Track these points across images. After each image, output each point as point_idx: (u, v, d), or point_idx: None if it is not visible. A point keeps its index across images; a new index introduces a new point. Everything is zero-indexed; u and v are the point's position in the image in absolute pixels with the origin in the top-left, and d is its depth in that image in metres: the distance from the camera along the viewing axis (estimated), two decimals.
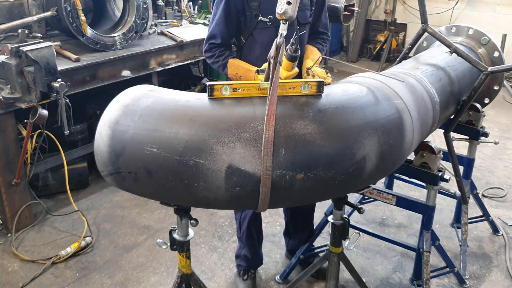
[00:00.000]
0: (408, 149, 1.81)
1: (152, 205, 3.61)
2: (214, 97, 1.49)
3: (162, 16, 4.67)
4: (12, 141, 3.10)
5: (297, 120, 1.44)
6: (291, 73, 1.88)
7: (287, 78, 1.82)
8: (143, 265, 3.01)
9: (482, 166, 4.39)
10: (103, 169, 1.53)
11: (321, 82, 1.53)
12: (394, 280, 2.89)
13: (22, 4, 3.45)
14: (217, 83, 1.49)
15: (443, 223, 3.46)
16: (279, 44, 1.50)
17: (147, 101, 1.49)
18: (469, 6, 7.21)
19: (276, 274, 2.92)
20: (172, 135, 1.40)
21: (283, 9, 1.45)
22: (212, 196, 1.44)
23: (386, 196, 2.50)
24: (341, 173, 1.48)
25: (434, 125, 2.16)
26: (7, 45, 2.71)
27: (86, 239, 3.16)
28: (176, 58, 4.06)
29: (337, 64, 7.94)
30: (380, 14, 8.19)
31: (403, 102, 1.75)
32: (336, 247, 2.10)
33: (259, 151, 1.38)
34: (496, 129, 5.32)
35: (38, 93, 2.74)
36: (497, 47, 2.79)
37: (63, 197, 3.67)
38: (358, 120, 1.52)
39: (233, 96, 1.50)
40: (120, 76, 3.61)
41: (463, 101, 2.51)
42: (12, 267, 2.96)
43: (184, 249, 1.84)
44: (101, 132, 1.51)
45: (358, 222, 3.30)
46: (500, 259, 3.10)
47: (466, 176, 3.09)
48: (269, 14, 2.13)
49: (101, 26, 3.86)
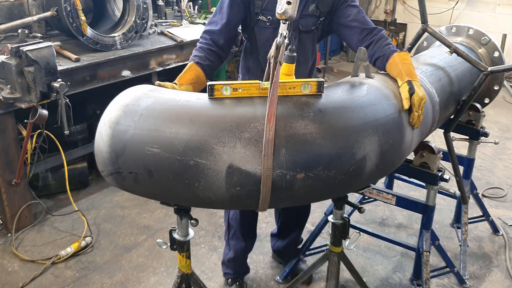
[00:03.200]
0: (407, 149, 1.81)
1: (152, 205, 3.61)
2: (215, 97, 1.49)
3: (162, 16, 4.67)
4: (12, 141, 3.10)
5: (297, 120, 1.44)
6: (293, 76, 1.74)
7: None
8: (143, 265, 3.01)
9: (482, 166, 4.39)
10: (104, 169, 1.53)
11: (321, 82, 1.53)
12: (394, 280, 2.89)
13: (22, 4, 3.45)
14: (218, 83, 1.49)
15: (443, 223, 3.46)
16: (279, 44, 1.50)
17: (148, 101, 1.49)
18: (469, 6, 7.22)
19: (276, 274, 2.92)
20: (173, 135, 1.40)
21: (283, 9, 1.45)
22: (212, 196, 1.43)
23: (386, 196, 2.50)
24: (342, 172, 1.48)
25: (434, 125, 2.16)
26: (7, 45, 2.71)
27: (86, 239, 3.16)
28: (176, 58, 4.07)
29: (337, 64, 7.95)
30: (380, 14, 8.19)
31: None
32: (336, 247, 2.10)
33: (260, 151, 1.38)
34: (496, 129, 5.32)
35: (38, 93, 2.74)
36: (497, 47, 2.79)
37: (63, 197, 3.67)
38: (358, 119, 1.52)
39: (233, 96, 1.50)
40: (120, 76, 3.61)
41: (463, 101, 2.51)
42: (12, 267, 2.96)
43: (184, 249, 1.84)
44: (101, 132, 1.51)
45: (358, 222, 3.30)
46: (500, 259, 3.10)
47: (466, 176, 3.09)
48: (269, 15, 2.11)
49: (101, 26, 3.86)
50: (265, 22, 2.15)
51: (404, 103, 1.75)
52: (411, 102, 1.76)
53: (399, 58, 1.94)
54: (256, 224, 2.76)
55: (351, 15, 2.14)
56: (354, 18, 2.13)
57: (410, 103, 1.76)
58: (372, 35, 2.09)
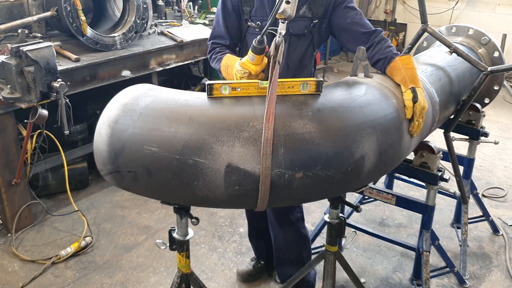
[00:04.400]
0: (407, 149, 1.81)
1: (152, 205, 3.61)
2: (214, 96, 1.49)
3: (162, 16, 4.68)
4: (12, 141, 3.10)
5: (296, 119, 1.44)
6: (259, 67, 1.69)
7: (256, 72, 1.69)
8: (143, 265, 3.01)
9: (482, 166, 4.39)
10: (103, 168, 1.53)
11: (320, 82, 1.53)
12: (394, 280, 2.89)
13: (22, 4, 3.45)
14: (217, 82, 1.49)
15: (443, 223, 3.46)
16: (278, 44, 1.50)
17: (147, 100, 1.49)
18: (469, 6, 7.22)
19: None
20: (172, 134, 1.40)
21: (282, 8, 1.45)
22: (211, 195, 1.44)
23: (386, 196, 2.50)
24: (340, 172, 1.48)
25: (433, 124, 2.16)
26: (7, 45, 2.71)
27: (86, 239, 3.16)
28: (176, 58, 4.07)
29: (337, 64, 7.95)
30: (380, 14, 8.20)
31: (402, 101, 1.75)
32: (332, 246, 2.10)
33: (258, 150, 1.38)
34: (496, 129, 5.32)
35: (38, 93, 2.74)
36: (497, 47, 2.79)
37: (63, 197, 3.67)
38: (356, 119, 1.52)
39: (232, 95, 1.50)
40: (120, 76, 3.61)
41: (463, 101, 2.51)
42: (12, 267, 2.96)
43: (184, 248, 1.84)
44: (100, 131, 1.51)
45: (358, 222, 3.31)
46: (500, 259, 3.09)
47: (466, 176, 3.09)
48: (258, 21, 2.06)
49: (101, 26, 3.86)
50: (255, 28, 2.12)
51: (407, 113, 1.74)
52: (413, 110, 1.74)
53: (402, 63, 1.89)
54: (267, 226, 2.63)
55: (349, 17, 2.07)
56: (353, 20, 2.07)
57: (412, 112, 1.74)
58: (372, 38, 2.05)
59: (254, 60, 1.66)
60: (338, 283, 2.63)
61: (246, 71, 1.69)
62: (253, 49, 1.63)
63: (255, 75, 1.69)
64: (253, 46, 1.62)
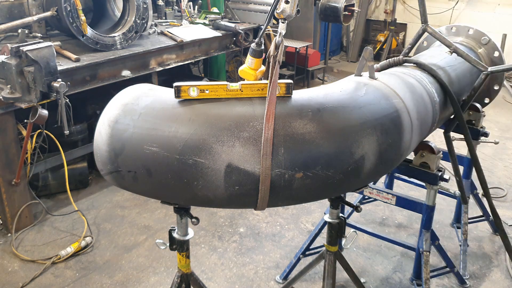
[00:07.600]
0: (407, 149, 1.81)
1: (152, 205, 3.61)
2: (181, 98, 1.47)
3: (162, 16, 4.68)
4: (12, 141, 3.10)
5: (296, 119, 1.44)
6: (259, 73, 1.68)
7: (257, 79, 1.66)
8: (143, 265, 3.01)
9: (482, 166, 4.35)
10: (103, 167, 1.53)
11: (290, 84, 1.50)
12: (394, 280, 2.89)
13: (22, 4, 3.46)
14: (184, 83, 1.47)
15: (443, 223, 3.46)
16: (278, 43, 1.50)
17: (147, 100, 1.49)
18: (469, 6, 7.22)
19: (276, 274, 2.92)
20: (172, 134, 1.40)
21: (281, 8, 1.45)
22: (211, 194, 1.44)
23: (386, 196, 2.50)
24: (340, 172, 1.48)
25: (433, 124, 2.16)
26: (7, 45, 2.71)
27: (86, 239, 3.16)
28: (176, 58, 4.07)
29: (337, 64, 7.95)
30: (380, 14, 8.20)
31: (402, 101, 1.75)
32: (332, 246, 2.10)
33: (259, 150, 1.38)
34: (496, 129, 5.32)
35: (38, 93, 2.74)
36: (497, 47, 2.79)
37: (63, 197, 3.67)
38: (356, 119, 1.52)
39: (200, 97, 1.47)
40: (120, 76, 3.61)
41: (463, 101, 2.51)
42: (12, 267, 2.96)
43: (184, 248, 1.84)
44: (100, 131, 1.51)
45: (358, 222, 3.30)
46: (500, 259, 3.09)
47: (466, 176, 3.09)
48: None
49: (101, 26, 3.86)
50: None
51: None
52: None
53: None
54: None
55: None
56: None
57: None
58: None
59: (253, 64, 1.64)
60: (338, 283, 2.62)
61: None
62: (251, 52, 1.62)
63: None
64: (251, 49, 1.61)
